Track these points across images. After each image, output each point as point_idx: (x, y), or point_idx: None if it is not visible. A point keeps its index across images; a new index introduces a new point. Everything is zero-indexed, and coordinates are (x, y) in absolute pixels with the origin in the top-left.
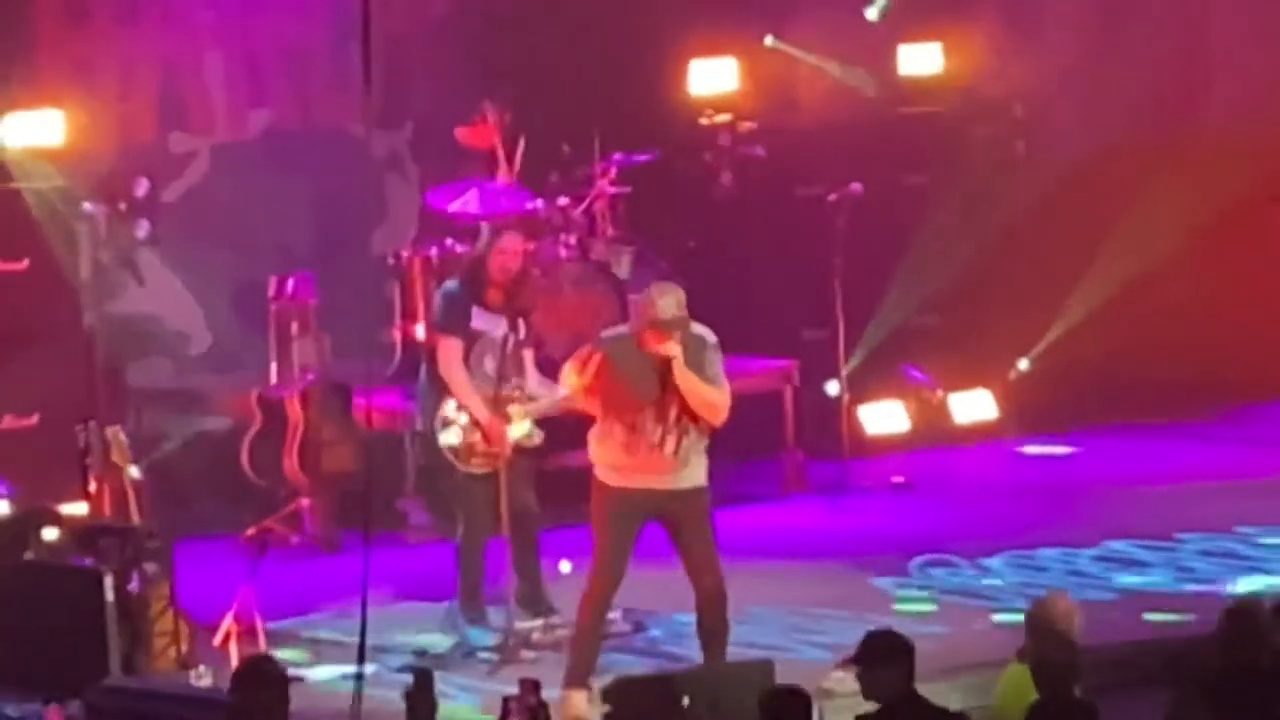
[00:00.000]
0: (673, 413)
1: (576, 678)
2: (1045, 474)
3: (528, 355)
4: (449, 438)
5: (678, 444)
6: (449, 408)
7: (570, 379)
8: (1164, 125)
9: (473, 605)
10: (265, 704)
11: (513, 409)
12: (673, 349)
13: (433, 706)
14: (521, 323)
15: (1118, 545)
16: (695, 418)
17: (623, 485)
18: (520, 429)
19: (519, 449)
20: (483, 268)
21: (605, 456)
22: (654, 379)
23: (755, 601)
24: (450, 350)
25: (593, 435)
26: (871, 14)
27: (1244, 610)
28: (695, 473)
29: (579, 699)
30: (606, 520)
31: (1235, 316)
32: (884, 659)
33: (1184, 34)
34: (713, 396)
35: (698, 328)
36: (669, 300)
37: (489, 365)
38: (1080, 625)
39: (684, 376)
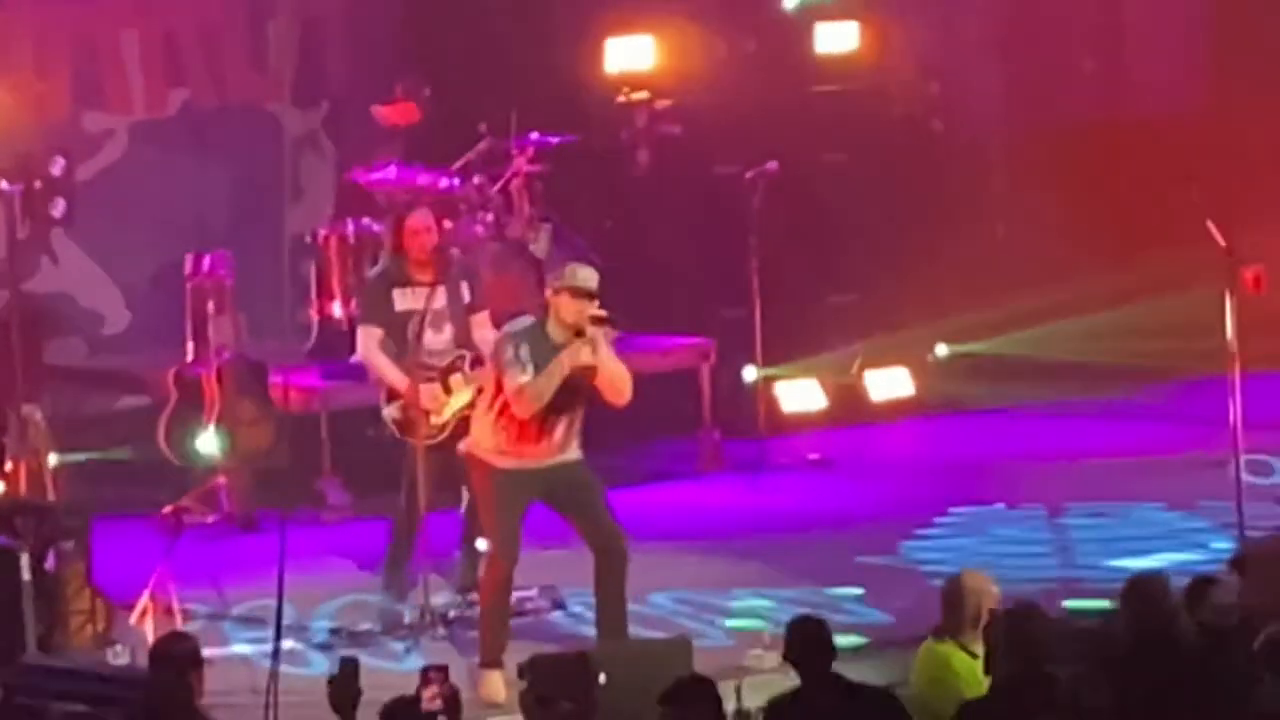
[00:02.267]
0: (569, 397)
1: (490, 658)
2: (961, 450)
3: (480, 319)
4: (391, 411)
5: (568, 428)
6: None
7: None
8: (1081, 102)
9: (394, 582)
10: (178, 681)
11: (455, 378)
12: (596, 310)
13: (357, 695)
14: (464, 287)
15: (1034, 519)
16: (586, 396)
17: (508, 467)
18: (462, 398)
19: (463, 419)
20: (399, 251)
21: (491, 441)
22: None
23: (671, 580)
24: (364, 339)
25: (478, 419)
26: (789, 3)
27: (1143, 586)
28: (574, 447)
29: (495, 678)
30: (496, 502)
31: (1148, 295)
32: (810, 649)
33: (1098, 11)
34: (625, 374)
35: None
36: (589, 271)
37: (427, 340)
38: (997, 600)
39: (604, 349)
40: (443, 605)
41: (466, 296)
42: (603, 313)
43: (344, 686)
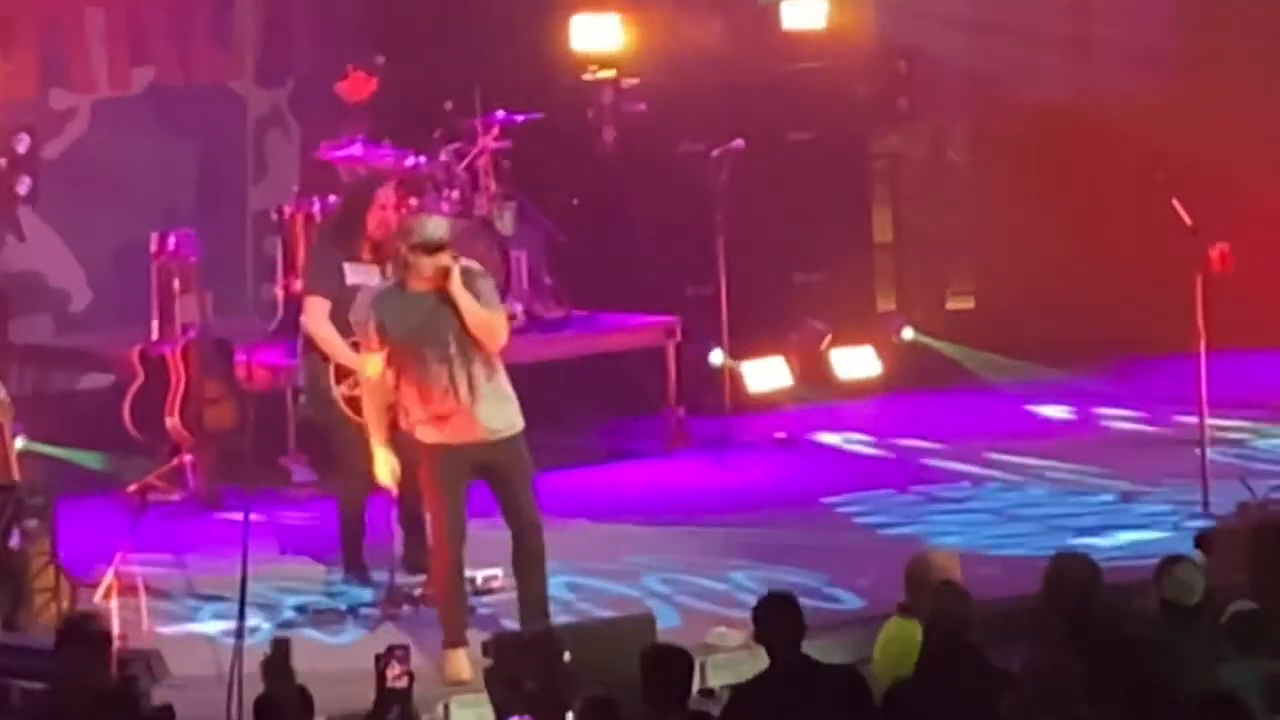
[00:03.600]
0: (452, 347)
1: (453, 637)
2: (928, 429)
3: None
4: (344, 390)
5: (469, 382)
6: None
7: (372, 365)
8: (1048, 81)
9: (354, 561)
10: (86, 663)
11: None
12: (446, 260)
13: (290, 676)
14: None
15: (995, 499)
16: (476, 348)
17: (442, 442)
18: None
19: None
20: (357, 223)
21: (414, 416)
22: (427, 317)
23: (637, 557)
24: (315, 309)
25: (398, 400)
26: None
27: (1063, 565)
28: (508, 417)
29: (459, 657)
30: (435, 480)
31: (1114, 274)
32: (781, 628)
33: None
34: (486, 314)
35: (465, 261)
36: (435, 222)
37: None
38: (960, 577)
39: (461, 294)
40: (407, 584)
41: None
42: (447, 263)
43: (276, 668)
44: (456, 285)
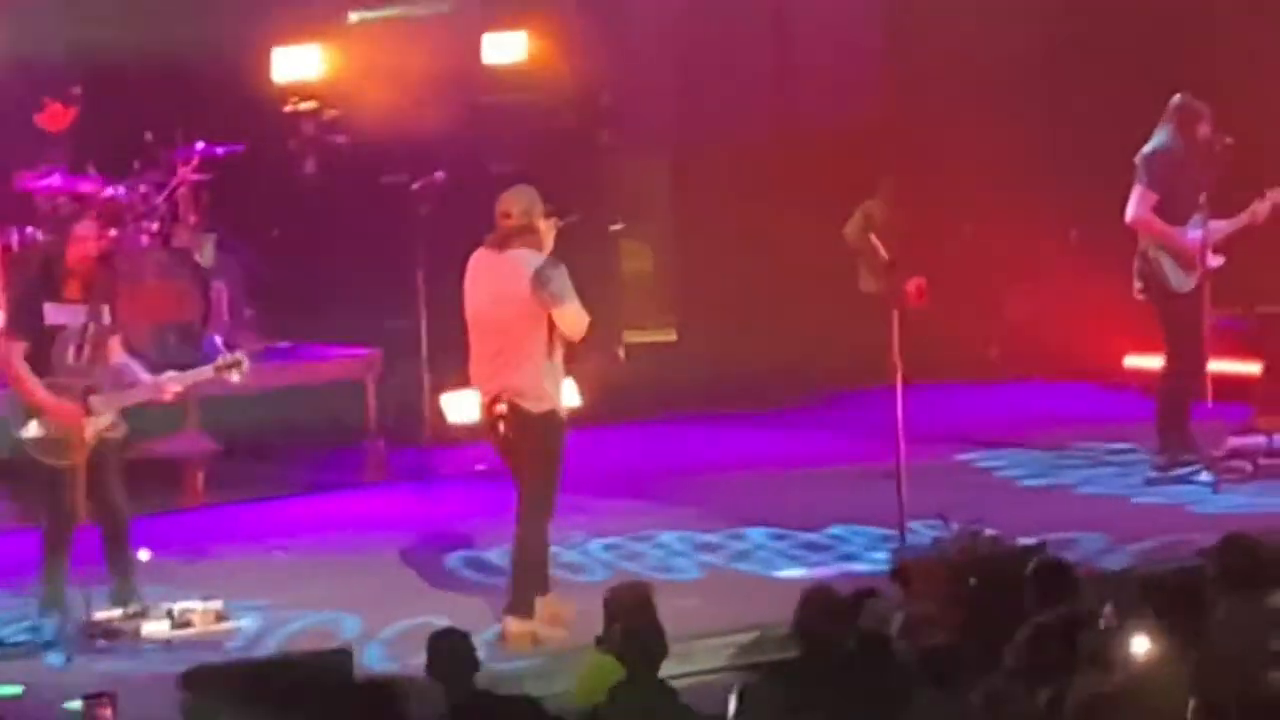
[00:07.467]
0: None
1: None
2: (630, 462)
3: (114, 342)
4: (31, 430)
5: None
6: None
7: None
8: (752, 115)
9: (52, 596)
10: None
11: (94, 400)
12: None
13: None
14: (105, 310)
15: (701, 532)
16: None
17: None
18: (103, 419)
19: (103, 440)
20: (58, 259)
21: (560, 390)
22: None
23: (334, 592)
24: (10, 350)
25: (544, 373)
26: (353, 16)
27: (818, 595)
28: None
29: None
30: (562, 454)
31: (822, 306)
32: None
33: (768, 23)
34: None
35: None
36: None
37: (71, 357)
38: (657, 610)
39: None
40: (104, 618)
41: (107, 318)
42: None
43: None
44: None
